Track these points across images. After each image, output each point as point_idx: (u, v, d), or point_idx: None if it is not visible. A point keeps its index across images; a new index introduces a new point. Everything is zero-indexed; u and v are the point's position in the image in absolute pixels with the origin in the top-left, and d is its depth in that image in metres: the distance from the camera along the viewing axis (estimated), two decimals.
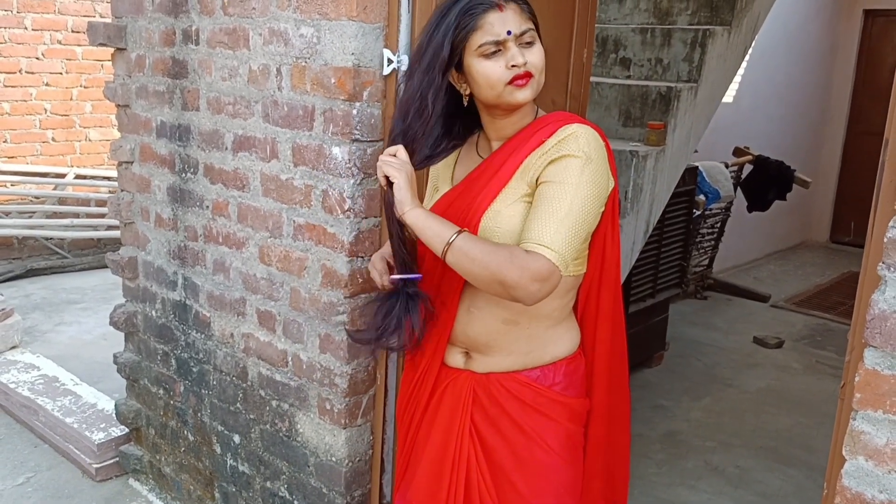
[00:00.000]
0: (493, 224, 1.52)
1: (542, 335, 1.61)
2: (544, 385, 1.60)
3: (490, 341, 1.61)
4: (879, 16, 7.19)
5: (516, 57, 1.47)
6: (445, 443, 1.65)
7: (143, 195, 2.71)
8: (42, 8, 5.47)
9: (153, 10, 2.50)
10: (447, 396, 1.66)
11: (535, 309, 1.54)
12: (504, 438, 1.60)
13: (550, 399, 1.60)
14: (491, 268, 1.40)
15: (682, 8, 3.70)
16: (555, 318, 1.61)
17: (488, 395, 1.61)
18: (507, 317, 1.58)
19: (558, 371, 1.61)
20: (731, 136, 5.87)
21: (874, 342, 1.17)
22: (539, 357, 1.61)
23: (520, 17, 1.48)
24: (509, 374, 1.61)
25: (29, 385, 3.50)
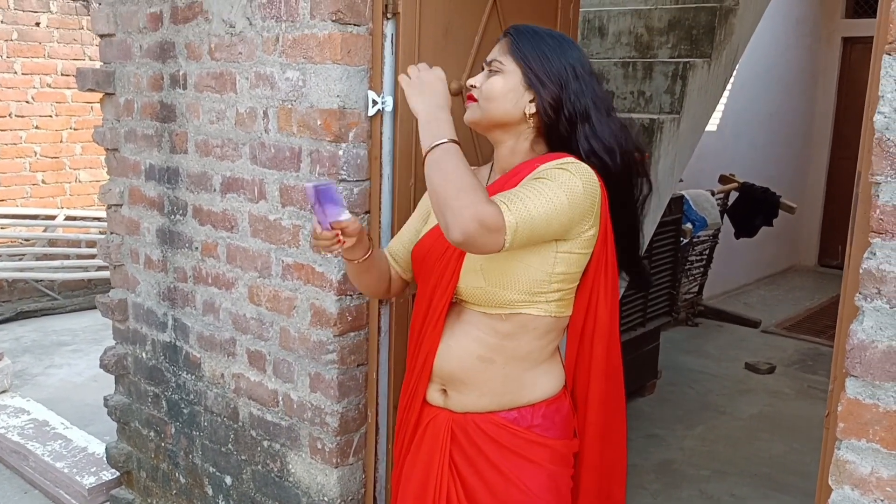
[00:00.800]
0: (476, 258, 1.53)
1: (519, 378, 1.58)
2: (522, 427, 1.58)
3: (465, 378, 1.60)
4: (858, 43, 7.33)
5: (473, 79, 1.61)
6: (426, 481, 1.65)
7: (133, 237, 2.73)
8: (32, 52, 5.53)
9: (141, 55, 2.54)
10: (428, 434, 1.66)
11: (512, 349, 1.55)
12: (482, 479, 1.59)
13: (529, 441, 1.58)
14: (451, 187, 1.38)
15: (663, 41, 3.77)
16: (533, 361, 1.59)
17: (466, 435, 1.60)
18: (482, 353, 1.57)
19: (537, 413, 1.59)
20: (716, 163, 5.93)
21: (855, 372, 1.19)
22: (516, 399, 1.59)
23: (502, 49, 1.57)
24: (486, 416, 1.59)
25: (19, 430, 3.47)
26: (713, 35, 3.60)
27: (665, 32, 3.75)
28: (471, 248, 1.39)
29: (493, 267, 1.52)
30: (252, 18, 2.13)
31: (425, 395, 1.67)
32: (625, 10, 3.95)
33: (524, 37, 1.56)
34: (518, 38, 1.56)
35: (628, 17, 3.90)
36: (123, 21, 2.59)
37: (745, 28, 3.81)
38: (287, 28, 2.04)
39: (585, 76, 1.55)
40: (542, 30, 1.58)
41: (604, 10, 4.02)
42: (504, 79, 1.55)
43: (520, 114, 1.55)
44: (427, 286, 1.63)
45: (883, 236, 1.16)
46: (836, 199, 7.58)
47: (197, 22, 2.30)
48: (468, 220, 1.35)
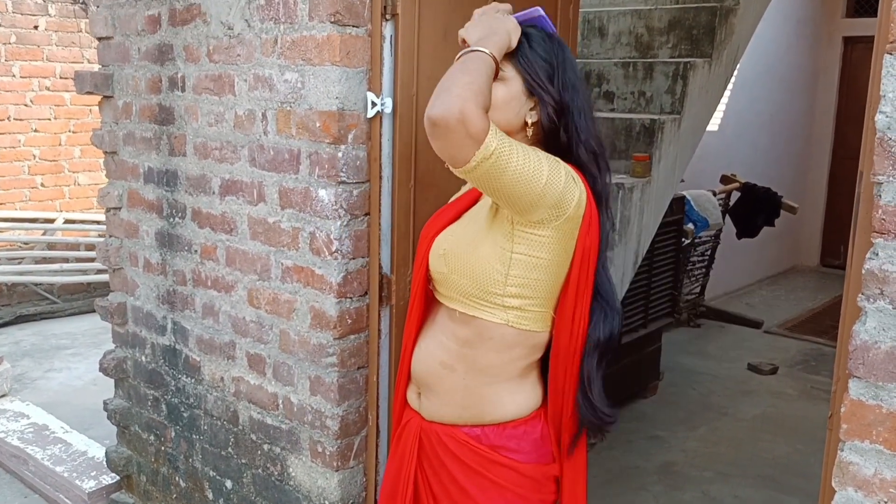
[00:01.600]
0: (443, 241, 1.54)
1: (480, 392, 1.52)
2: (485, 445, 1.52)
3: (430, 382, 1.57)
4: (858, 42, 7.32)
5: None
6: (396, 481, 1.64)
7: (132, 240, 2.72)
8: (30, 56, 5.52)
9: (139, 58, 2.53)
10: (404, 435, 1.65)
11: (471, 359, 1.51)
12: (446, 492, 1.56)
13: (492, 461, 1.52)
14: (464, 78, 1.33)
15: (663, 41, 3.77)
16: (494, 375, 1.52)
17: (431, 446, 1.58)
18: (444, 359, 1.54)
19: (502, 433, 1.52)
20: (717, 164, 5.93)
21: (858, 373, 1.18)
22: (478, 415, 1.53)
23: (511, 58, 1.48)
24: (449, 428, 1.55)
25: (18, 434, 3.46)
26: (714, 35, 3.60)
27: (665, 32, 3.75)
28: (440, 136, 1.31)
29: (454, 252, 1.49)
30: (250, 20, 2.12)
31: (405, 394, 1.67)
32: (625, 10, 3.95)
33: (525, 41, 1.49)
34: (525, 43, 1.49)
35: (628, 17, 3.90)
36: (121, 24, 2.58)
37: (745, 28, 3.80)
38: (285, 30, 2.03)
39: (581, 81, 1.53)
40: (542, 33, 1.52)
41: (604, 11, 4.01)
42: (506, 87, 1.47)
43: (521, 122, 1.50)
44: (413, 272, 1.66)
45: (885, 236, 1.15)
46: (837, 199, 7.57)
47: (195, 24, 2.30)
48: (454, 107, 1.28)
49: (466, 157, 1.32)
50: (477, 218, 1.52)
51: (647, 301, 4.25)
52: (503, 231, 1.44)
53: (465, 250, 1.48)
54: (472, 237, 1.49)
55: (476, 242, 1.47)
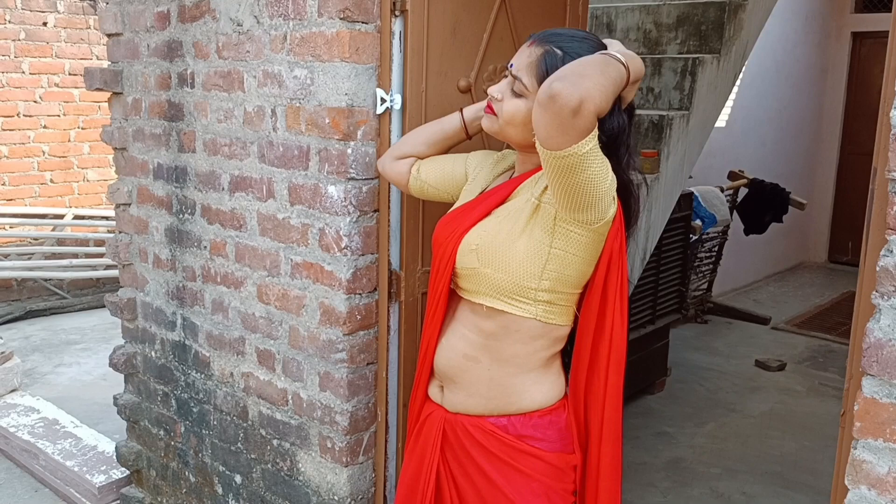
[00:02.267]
0: (475, 237, 1.52)
1: (506, 382, 1.54)
2: (511, 435, 1.54)
3: (454, 375, 1.59)
4: (867, 38, 7.28)
5: (495, 87, 1.52)
6: (417, 476, 1.64)
7: (141, 236, 2.73)
8: (39, 52, 5.54)
9: (149, 54, 2.54)
10: (425, 429, 1.66)
11: (496, 350, 1.53)
12: (471, 482, 1.57)
13: (519, 450, 1.53)
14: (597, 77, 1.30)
15: (672, 37, 3.75)
16: (518, 366, 1.54)
17: (456, 437, 1.59)
18: (468, 352, 1.56)
19: (527, 422, 1.54)
20: (725, 160, 5.91)
21: (871, 371, 1.17)
22: (504, 405, 1.55)
23: (529, 64, 1.45)
24: (475, 419, 1.56)
25: (29, 428, 3.48)
26: (722, 31, 3.58)
27: (674, 28, 3.73)
28: (550, 111, 1.27)
29: (489, 247, 1.50)
30: (260, 17, 2.12)
31: (427, 388, 1.67)
32: (633, 6, 3.93)
33: (558, 61, 1.41)
34: (551, 61, 1.42)
35: (637, 12, 3.89)
36: (131, 20, 2.59)
37: (754, 24, 3.78)
38: (295, 26, 2.03)
39: None
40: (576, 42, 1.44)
41: (612, 7, 4.00)
42: (527, 106, 1.45)
43: None
44: (433, 269, 1.64)
45: None
46: (845, 195, 7.54)
47: (204, 21, 2.30)
48: (576, 95, 1.25)
49: (560, 145, 1.30)
50: (512, 214, 1.51)
51: (654, 297, 4.25)
52: (544, 226, 1.46)
53: (502, 245, 1.48)
54: (508, 232, 1.49)
55: (513, 237, 1.48)
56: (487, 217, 1.55)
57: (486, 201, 1.59)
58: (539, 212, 1.47)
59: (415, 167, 1.81)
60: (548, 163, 1.35)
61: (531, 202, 1.49)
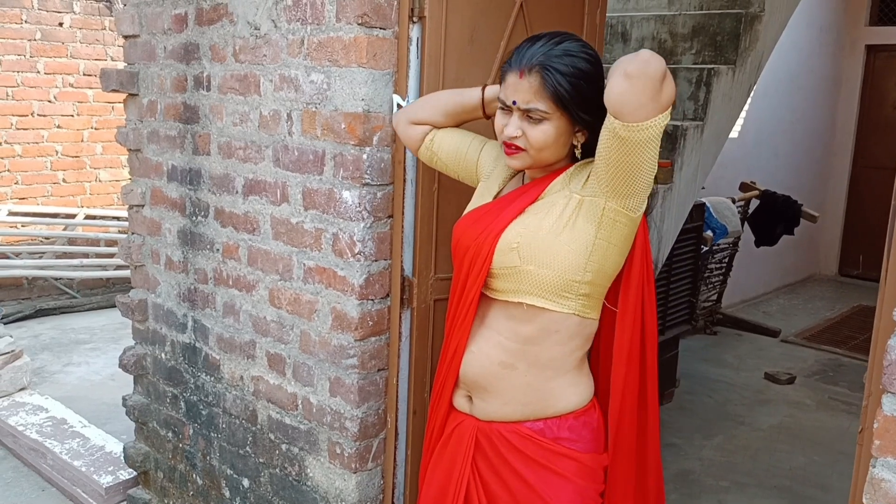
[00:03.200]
0: (514, 236, 1.52)
1: (543, 387, 1.55)
2: (548, 438, 1.55)
3: (487, 384, 1.58)
4: (882, 51, 7.26)
5: (509, 128, 1.52)
6: (446, 487, 1.64)
7: (154, 238, 2.73)
8: (54, 52, 5.57)
9: (165, 56, 2.55)
10: (453, 440, 1.65)
11: (534, 355, 1.53)
12: (507, 489, 1.57)
13: (555, 453, 1.55)
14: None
15: (687, 48, 3.74)
16: (556, 369, 1.55)
17: (490, 444, 1.58)
18: (504, 359, 1.56)
19: (563, 425, 1.56)
20: (737, 171, 5.89)
21: (892, 388, 1.16)
22: (541, 409, 1.56)
23: (535, 92, 1.48)
24: (511, 425, 1.57)
25: (37, 427, 3.49)
26: (738, 42, 3.57)
27: (689, 38, 3.72)
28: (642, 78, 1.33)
29: (532, 244, 1.50)
30: (277, 21, 2.13)
31: (451, 399, 1.66)
32: (648, 15, 3.93)
33: (557, 76, 1.46)
34: (555, 82, 1.46)
35: (652, 22, 3.88)
36: (148, 22, 2.60)
37: (770, 35, 3.77)
38: (312, 31, 2.03)
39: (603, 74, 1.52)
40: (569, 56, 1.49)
41: (627, 16, 3.99)
42: (553, 126, 1.50)
43: (569, 149, 1.55)
44: (460, 273, 1.62)
45: None
46: (857, 208, 7.50)
47: (222, 24, 2.31)
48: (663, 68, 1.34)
49: (648, 114, 1.35)
50: (552, 210, 1.53)
51: (664, 307, 4.23)
52: (589, 218, 1.48)
53: (545, 240, 1.49)
54: (550, 227, 1.50)
55: (556, 231, 1.49)
56: (522, 215, 1.55)
57: (516, 202, 1.58)
58: (583, 206, 1.49)
59: (429, 136, 1.81)
60: (622, 139, 1.37)
61: (574, 198, 1.51)
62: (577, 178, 1.53)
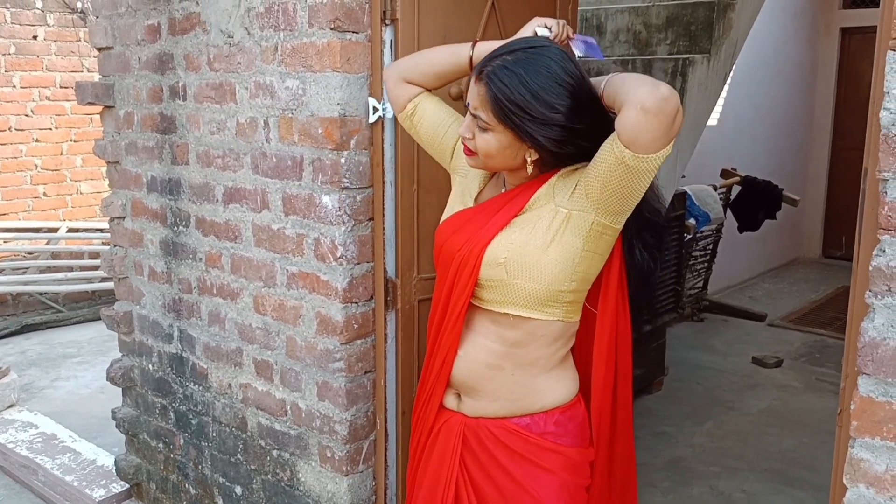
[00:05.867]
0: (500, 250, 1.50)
1: (529, 384, 1.57)
2: (534, 433, 1.56)
3: (475, 384, 1.59)
4: (856, 33, 7.31)
5: (462, 127, 1.52)
6: (435, 484, 1.64)
7: (136, 249, 2.72)
8: (30, 66, 5.53)
9: (140, 67, 2.54)
10: (440, 437, 1.66)
11: (519, 357, 1.54)
12: (494, 484, 1.58)
13: (542, 447, 1.56)
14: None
15: (661, 38, 3.77)
16: (542, 367, 1.57)
17: (478, 440, 1.60)
18: (490, 361, 1.57)
19: (550, 420, 1.57)
20: (717, 158, 5.92)
21: (867, 370, 1.18)
22: (528, 405, 1.57)
23: (481, 101, 1.45)
24: (498, 421, 1.58)
25: (27, 444, 3.47)
26: (712, 30, 3.60)
27: (663, 29, 3.75)
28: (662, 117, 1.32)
29: (518, 259, 1.49)
30: (250, 28, 2.13)
31: (441, 402, 1.66)
32: (622, 7, 3.95)
33: (502, 88, 1.41)
34: (497, 94, 1.42)
35: (626, 14, 3.90)
36: (121, 34, 2.59)
37: (743, 23, 3.80)
38: (285, 37, 2.03)
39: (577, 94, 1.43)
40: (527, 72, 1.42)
41: (601, 9, 4.01)
42: (496, 138, 1.46)
43: (522, 160, 1.50)
44: (444, 281, 1.61)
45: (892, 233, 1.15)
46: (838, 190, 7.56)
47: (195, 33, 2.30)
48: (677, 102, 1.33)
49: (659, 147, 1.36)
50: (538, 224, 1.50)
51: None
52: (577, 232, 1.48)
53: (532, 255, 1.48)
54: (538, 243, 1.48)
55: (543, 246, 1.48)
56: (507, 228, 1.52)
57: (500, 212, 1.55)
58: (570, 220, 1.48)
59: (412, 103, 1.72)
60: (629, 167, 1.37)
61: (560, 212, 1.48)
62: (563, 190, 1.50)
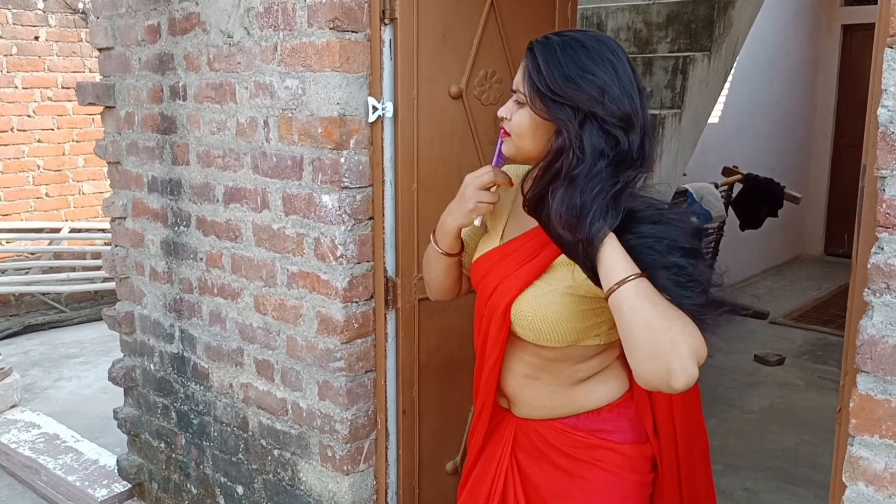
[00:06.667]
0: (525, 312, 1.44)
1: (567, 392, 1.53)
2: (582, 431, 1.52)
3: (514, 394, 1.58)
4: (858, 30, 7.29)
5: (503, 108, 1.44)
6: (483, 475, 1.64)
7: (137, 250, 2.73)
8: (31, 66, 5.53)
9: (140, 67, 2.54)
10: (495, 434, 1.66)
11: (556, 370, 1.50)
12: (547, 477, 1.56)
13: (590, 445, 1.52)
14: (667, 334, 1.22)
15: (662, 36, 3.76)
16: (580, 379, 1.52)
17: (528, 439, 1.58)
18: (526, 372, 1.54)
19: (597, 418, 1.53)
20: (718, 156, 5.91)
21: (865, 367, 1.18)
22: (571, 409, 1.53)
23: (522, 74, 1.38)
24: (545, 422, 1.55)
25: (30, 444, 3.48)
26: (712, 28, 3.59)
27: (664, 27, 3.74)
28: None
29: (541, 326, 1.43)
30: (250, 28, 2.13)
31: (495, 399, 1.63)
32: (623, 5, 3.94)
33: (539, 59, 1.34)
34: (532, 62, 1.35)
35: (626, 12, 3.89)
36: (122, 34, 2.59)
37: (744, 20, 3.79)
38: (285, 37, 2.03)
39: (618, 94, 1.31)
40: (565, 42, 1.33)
41: (602, 7, 4.01)
42: (530, 114, 1.37)
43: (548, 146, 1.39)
44: (483, 316, 1.55)
45: (890, 230, 1.15)
46: (840, 187, 7.55)
47: (195, 33, 2.30)
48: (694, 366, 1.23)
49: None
50: (558, 294, 1.43)
51: None
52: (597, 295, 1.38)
53: (555, 325, 1.42)
54: (557, 312, 1.42)
55: (564, 313, 1.41)
56: (532, 287, 1.45)
57: (526, 266, 1.47)
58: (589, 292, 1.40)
59: (467, 284, 1.69)
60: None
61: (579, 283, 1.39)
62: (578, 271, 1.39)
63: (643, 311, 1.22)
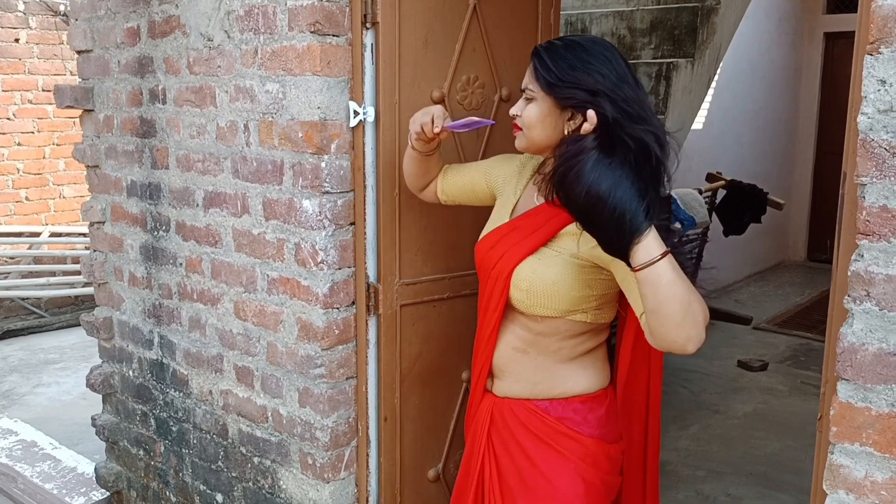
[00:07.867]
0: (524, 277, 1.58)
1: (550, 368, 1.63)
2: (552, 416, 1.63)
3: (503, 365, 1.68)
4: (840, 38, 7.36)
5: (514, 106, 1.62)
6: (469, 460, 1.76)
7: (116, 254, 2.69)
8: (11, 69, 5.48)
9: (119, 70, 2.51)
10: (478, 415, 1.76)
11: (543, 344, 1.62)
12: (513, 462, 1.66)
13: (558, 431, 1.62)
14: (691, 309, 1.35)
15: (646, 42, 3.77)
16: (564, 356, 1.63)
17: (502, 419, 1.68)
18: (516, 345, 1.66)
19: (568, 406, 1.63)
20: (702, 162, 5.94)
21: (846, 375, 1.18)
22: (548, 389, 1.64)
23: (530, 73, 1.58)
24: (520, 402, 1.66)
25: (7, 451, 3.43)
26: (696, 35, 3.61)
27: (647, 33, 3.75)
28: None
29: (538, 291, 1.57)
30: (230, 31, 2.11)
31: (485, 385, 1.75)
32: (607, 11, 3.95)
33: (545, 57, 1.53)
34: (539, 61, 1.54)
35: (610, 18, 3.91)
36: (101, 37, 2.56)
37: (727, 27, 3.81)
38: (265, 40, 2.02)
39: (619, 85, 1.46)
40: (566, 43, 1.53)
41: (585, 13, 4.02)
42: (538, 105, 1.56)
43: (562, 135, 1.55)
44: (485, 291, 1.70)
45: (870, 238, 1.14)
46: (822, 194, 7.60)
47: (175, 36, 2.28)
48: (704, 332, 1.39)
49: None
50: (558, 262, 1.57)
51: None
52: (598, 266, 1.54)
53: (552, 288, 1.56)
54: (556, 277, 1.56)
55: (563, 280, 1.56)
56: (535, 255, 1.60)
57: (533, 235, 1.61)
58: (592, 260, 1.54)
59: (439, 189, 1.90)
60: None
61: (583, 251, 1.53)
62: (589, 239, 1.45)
63: (678, 284, 1.34)
